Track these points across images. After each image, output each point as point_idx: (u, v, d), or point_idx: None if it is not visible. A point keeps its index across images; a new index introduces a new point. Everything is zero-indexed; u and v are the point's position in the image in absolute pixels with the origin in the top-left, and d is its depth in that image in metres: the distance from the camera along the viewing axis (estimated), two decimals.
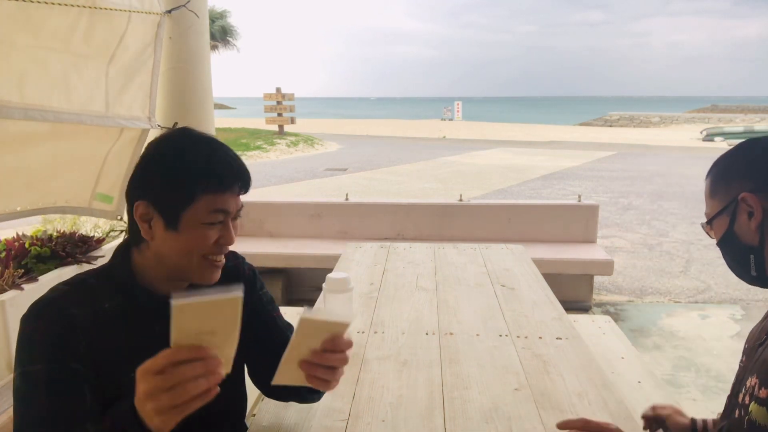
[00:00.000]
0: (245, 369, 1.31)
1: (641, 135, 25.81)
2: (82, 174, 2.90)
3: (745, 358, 1.15)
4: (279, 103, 19.35)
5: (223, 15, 25.70)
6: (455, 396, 1.39)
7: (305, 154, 17.06)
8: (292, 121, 19.64)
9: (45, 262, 2.91)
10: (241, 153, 16.18)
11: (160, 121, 3.26)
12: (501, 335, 1.76)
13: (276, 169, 13.51)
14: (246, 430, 1.33)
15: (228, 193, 1.04)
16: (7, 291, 2.57)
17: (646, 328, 4.03)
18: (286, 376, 0.94)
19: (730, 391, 1.18)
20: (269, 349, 1.17)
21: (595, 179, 11.66)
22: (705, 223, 1.15)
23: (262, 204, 4.72)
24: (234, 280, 1.13)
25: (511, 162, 14.71)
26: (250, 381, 1.32)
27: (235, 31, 26.54)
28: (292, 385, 0.98)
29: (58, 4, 2.29)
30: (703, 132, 23.13)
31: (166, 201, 1.01)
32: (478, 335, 1.76)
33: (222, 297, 0.73)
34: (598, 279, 4.58)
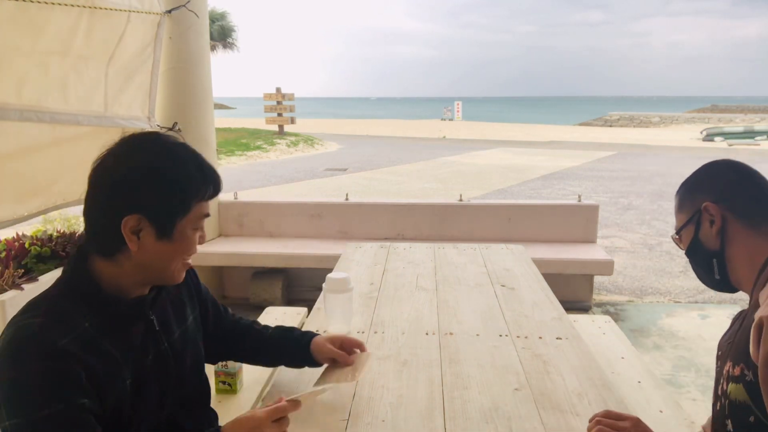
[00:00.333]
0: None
1: (641, 135, 25.80)
2: (83, 174, 2.90)
3: (720, 363, 1.20)
4: (279, 103, 19.35)
5: (222, 15, 25.69)
6: (455, 396, 1.39)
7: (305, 154, 17.06)
8: (292, 121, 19.64)
9: (45, 262, 2.90)
10: (241, 153, 16.19)
11: (160, 120, 3.25)
12: (501, 335, 1.76)
13: (276, 169, 13.51)
14: (215, 415, 1.36)
15: (213, 197, 1.09)
16: (7, 291, 2.57)
17: (646, 328, 4.03)
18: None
19: (713, 399, 1.20)
20: (217, 325, 1.39)
21: (595, 179, 11.66)
22: (674, 234, 1.29)
23: (262, 204, 4.72)
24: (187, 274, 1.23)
25: (511, 162, 14.71)
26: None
27: (235, 31, 26.53)
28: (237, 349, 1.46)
29: (58, 4, 2.29)
30: (703, 132, 23.12)
31: (163, 213, 1.02)
32: (478, 335, 1.76)
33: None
34: (598, 279, 4.58)
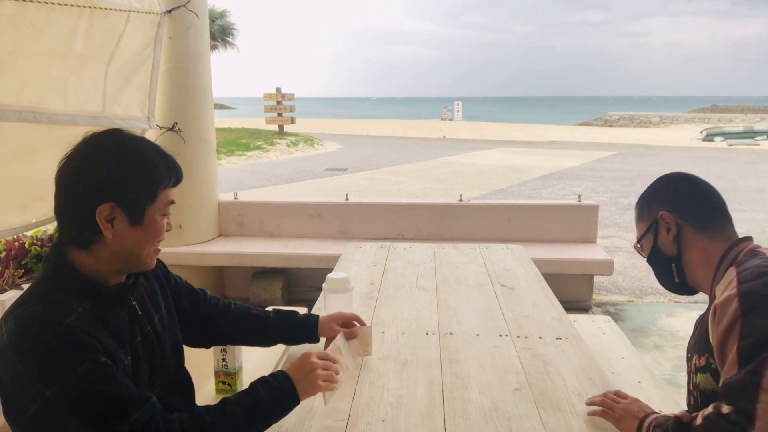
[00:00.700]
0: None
1: (641, 135, 25.80)
2: None
3: (689, 361, 1.30)
4: (279, 103, 19.34)
5: (222, 15, 25.68)
6: (455, 396, 1.39)
7: (305, 154, 17.05)
8: (292, 121, 19.63)
9: None
10: (241, 153, 16.19)
11: (160, 121, 3.25)
12: (501, 335, 1.76)
13: (276, 169, 13.51)
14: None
15: (176, 185, 1.19)
16: (7, 291, 2.57)
17: (646, 328, 4.03)
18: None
19: (687, 395, 1.29)
20: (201, 312, 1.46)
21: (595, 179, 11.66)
22: (636, 243, 1.42)
23: (262, 204, 4.72)
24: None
25: (511, 162, 14.71)
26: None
27: (235, 31, 26.52)
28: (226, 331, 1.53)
29: (58, 4, 2.28)
30: (703, 132, 23.11)
31: (134, 199, 1.11)
32: (478, 335, 1.76)
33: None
34: (598, 279, 4.58)
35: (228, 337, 1.59)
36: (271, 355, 2.17)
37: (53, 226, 3.35)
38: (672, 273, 1.34)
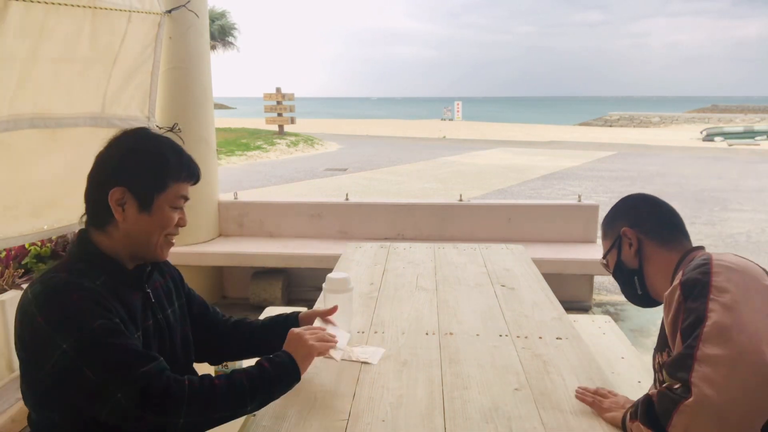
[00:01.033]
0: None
1: (641, 135, 25.80)
2: None
3: (656, 365, 1.38)
4: (279, 103, 19.34)
5: (222, 15, 25.68)
6: (455, 396, 1.39)
7: (305, 154, 17.05)
8: (292, 121, 19.63)
9: (45, 262, 2.91)
10: (241, 153, 16.17)
11: (160, 121, 3.25)
12: (501, 335, 1.76)
13: (276, 169, 13.51)
14: None
15: (190, 182, 1.28)
16: (7, 291, 2.57)
17: (646, 328, 4.03)
18: None
19: None
20: (206, 323, 1.50)
21: (595, 179, 11.66)
22: (602, 260, 1.55)
23: (262, 204, 4.72)
24: (170, 269, 1.44)
25: (511, 162, 14.71)
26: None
27: (235, 31, 26.52)
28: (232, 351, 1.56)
29: (61, 5, 2.29)
30: (703, 132, 23.11)
31: (144, 187, 1.19)
32: (478, 335, 1.77)
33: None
34: (598, 279, 4.58)
35: (231, 351, 1.59)
36: None
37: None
38: (635, 285, 1.45)
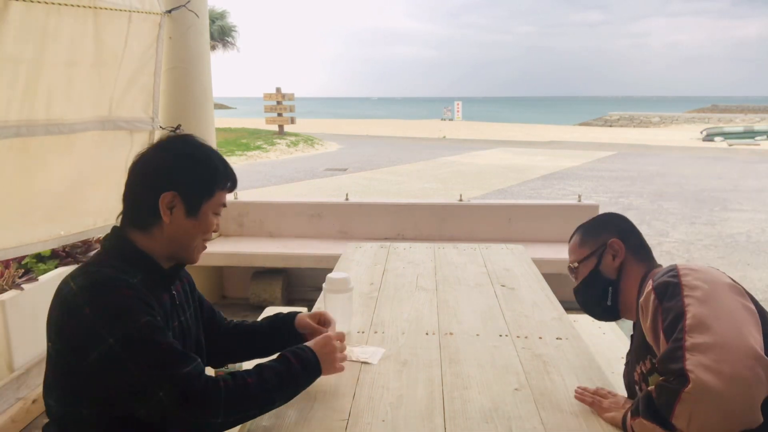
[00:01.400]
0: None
1: (641, 135, 25.80)
2: (110, 187, 2.85)
3: (629, 378, 1.45)
4: (279, 103, 19.34)
5: (222, 16, 25.68)
6: (455, 396, 1.39)
7: (305, 154, 17.05)
8: (292, 121, 19.63)
9: (45, 262, 2.91)
10: (241, 153, 16.17)
11: (161, 121, 3.25)
12: (501, 335, 1.76)
13: (276, 169, 13.51)
14: None
15: (230, 191, 1.33)
16: (7, 291, 2.57)
17: None
18: None
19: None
20: (213, 327, 1.53)
21: (595, 179, 11.66)
22: (573, 264, 1.59)
23: (262, 204, 4.72)
24: (185, 273, 1.46)
25: (511, 162, 14.71)
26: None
27: (235, 31, 26.52)
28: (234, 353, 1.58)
29: (62, 5, 2.29)
30: (703, 132, 23.11)
31: (194, 193, 1.25)
32: (478, 335, 1.77)
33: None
34: None
35: (235, 355, 1.61)
36: None
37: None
38: (606, 295, 1.49)
